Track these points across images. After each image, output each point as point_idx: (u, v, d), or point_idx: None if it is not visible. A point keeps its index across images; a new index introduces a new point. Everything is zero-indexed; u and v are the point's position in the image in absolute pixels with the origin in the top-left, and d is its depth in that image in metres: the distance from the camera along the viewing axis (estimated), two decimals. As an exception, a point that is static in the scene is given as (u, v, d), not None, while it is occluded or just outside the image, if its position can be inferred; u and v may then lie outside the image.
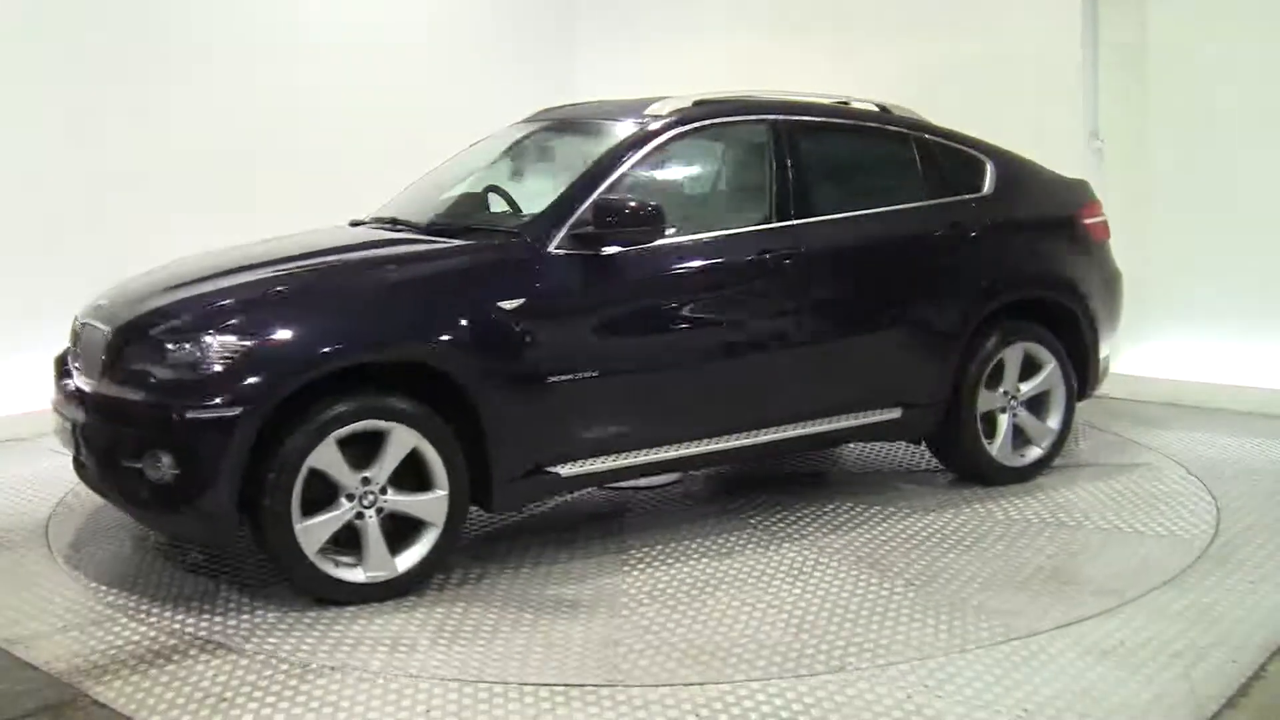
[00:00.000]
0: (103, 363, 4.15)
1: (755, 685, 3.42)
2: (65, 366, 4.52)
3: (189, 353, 3.92)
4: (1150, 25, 6.81)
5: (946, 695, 3.35)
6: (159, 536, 4.66)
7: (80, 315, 4.53)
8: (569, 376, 4.29)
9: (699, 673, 3.51)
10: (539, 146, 5.42)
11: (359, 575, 4.04)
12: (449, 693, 3.40)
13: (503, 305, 4.20)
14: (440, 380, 4.12)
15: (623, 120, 4.88)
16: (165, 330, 4.05)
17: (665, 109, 4.84)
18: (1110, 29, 6.93)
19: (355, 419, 3.96)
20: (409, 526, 4.12)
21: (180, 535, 4.54)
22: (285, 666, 3.58)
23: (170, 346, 3.96)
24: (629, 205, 4.35)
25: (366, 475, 4.01)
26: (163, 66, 7.03)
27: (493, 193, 5.13)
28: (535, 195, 4.81)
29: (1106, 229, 5.72)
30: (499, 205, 5.09)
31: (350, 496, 4.00)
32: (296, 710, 3.31)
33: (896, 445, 5.88)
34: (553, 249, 4.37)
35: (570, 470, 4.36)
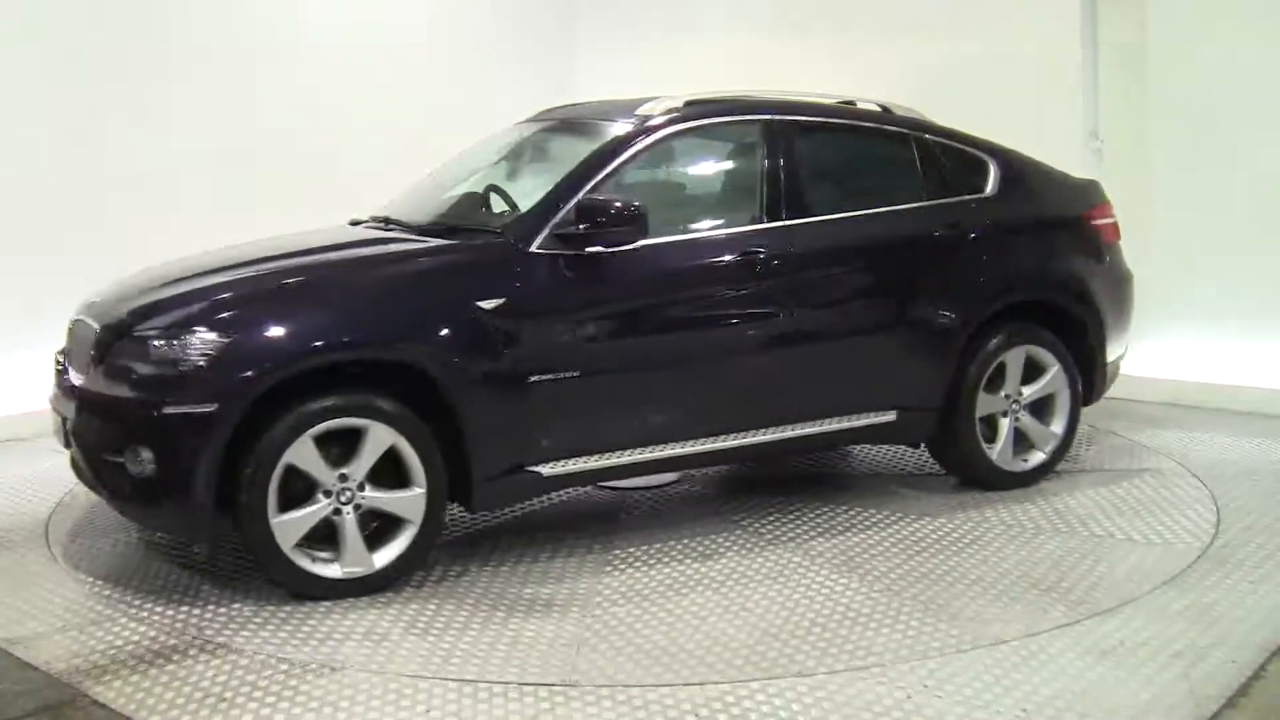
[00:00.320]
0: (91, 358, 4.19)
1: (755, 685, 3.42)
2: (61, 363, 4.55)
3: (170, 349, 3.96)
4: (1150, 25, 6.81)
5: (946, 695, 3.35)
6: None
7: (75, 312, 4.56)
8: (550, 376, 4.29)
9: (655, 674, 3.50)
10: (538, 146, 5.42)
11: (335, 571, 4.06)
12: (449, 693, 3.40)
13: (482, 305, 4.21)
14: (420, 378, 4.13)
15: (615, 120, 4.87)
16: (149, 327, 4.08)
17: (657, 109, 4.83)
18: (1110, 29, 6.92)
19: (331, 416, 3.99)
20: (391, 524, 4.15)
21: (160, 529, 4.56)
22: (285, 666, 3.58)
23: (153, 344, 4.01)
24: (612, 206, 4.35)
25: (344, 472, 4.03)
26: (163, 66, 7.04)
27: (494, 192, 5.13)
28: (533, 195, 4.80)
29: (1117, 230, 5.67)
30: (500, 205, 5.09)
31: (327, 493, 4.02)
32: (296, 710, 3.31)
33: (900, 449, 5.84)
34: (535, 249, 4.37)
35: (551, 470, 4.35)
